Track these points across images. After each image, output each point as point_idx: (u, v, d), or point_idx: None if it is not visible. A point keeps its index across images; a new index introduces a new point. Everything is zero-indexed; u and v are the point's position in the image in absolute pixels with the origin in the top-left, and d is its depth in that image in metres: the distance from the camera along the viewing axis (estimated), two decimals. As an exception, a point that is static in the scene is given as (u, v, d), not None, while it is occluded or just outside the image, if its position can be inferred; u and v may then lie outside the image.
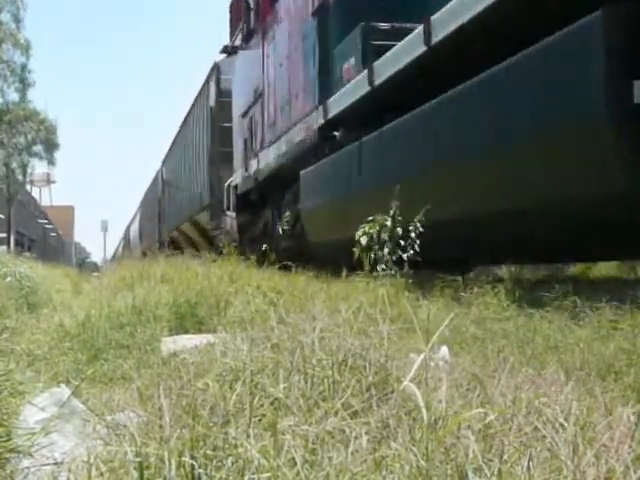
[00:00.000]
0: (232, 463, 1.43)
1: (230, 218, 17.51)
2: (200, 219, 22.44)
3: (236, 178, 16.63)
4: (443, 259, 7.70)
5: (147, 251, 37.87)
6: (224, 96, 19.18)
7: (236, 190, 16.61)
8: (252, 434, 1.49)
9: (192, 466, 1.39)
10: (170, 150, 30.80)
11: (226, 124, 18.55)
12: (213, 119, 20.21)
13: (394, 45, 7.62)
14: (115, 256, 57.16)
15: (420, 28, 6.80)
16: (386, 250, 6.72)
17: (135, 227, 49.30)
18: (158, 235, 33.18)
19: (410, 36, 7.13)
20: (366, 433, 1.56)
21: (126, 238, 59.25)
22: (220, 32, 26.16)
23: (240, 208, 16.60)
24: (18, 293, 7.13)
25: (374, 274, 6.27)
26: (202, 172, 21.79)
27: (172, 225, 28.86)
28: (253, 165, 14.67)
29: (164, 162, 32.53)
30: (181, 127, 27.23)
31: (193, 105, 24.15)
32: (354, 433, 1.55)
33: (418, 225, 6.79)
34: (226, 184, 17.56)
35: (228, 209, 17.49)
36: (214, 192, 19.78)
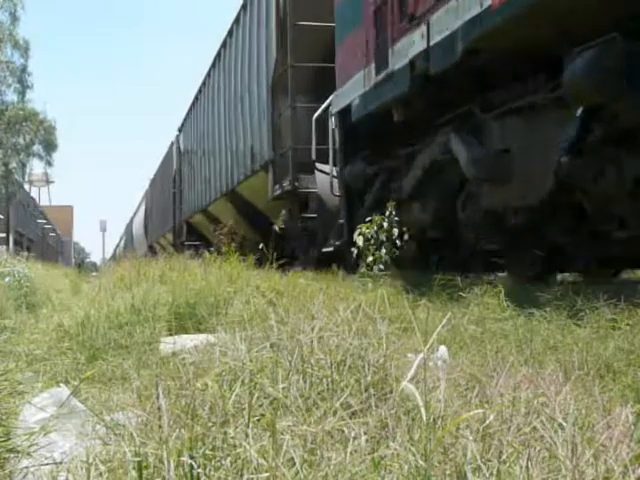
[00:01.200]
0: (231, 463, 1.43)
1: (325, 176, 10.15)
2: (247, 191, 15.02)
3: (348, 95, 8.99)
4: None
5: (155, 245, 32.88)
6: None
7: (346, 117, 9.10)
8: (251, 434, 1.49)
9: (191, 466, 1.39)
10: (193, 107, 22.17)
11: (306, 22, 11.29)
12: (282, 17, 11.82)
13: None
14: (115, 255, 52.18)
15: None
16: (383, 251, 6.74)
17: (139, 219, 42.05)
18: (173, 223, 26.30)
19: None
20: (365, 433, 1.56)
21: (128, 234, 53.17)
22: (219, 34, 24.83)
23: (352, 153, 9.28)
24: (17, 293, 7.13)
25: (372, 274, 6.29)
26: (259, 111, 13.27)
27: (194, 207, 21.44)
28: (414, 45, 7.03)
29: (181, 129, 25.19)
30: (214, 61, 18.23)
31: (240, 13, 15.04)
32: (353, 433, 1.55)
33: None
34: (315, 116, 10.25)
35: (320, 161, 10.32)
36: (281, 138, 12.09)
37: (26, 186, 46.93)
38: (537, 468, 1.36)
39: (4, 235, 35.41)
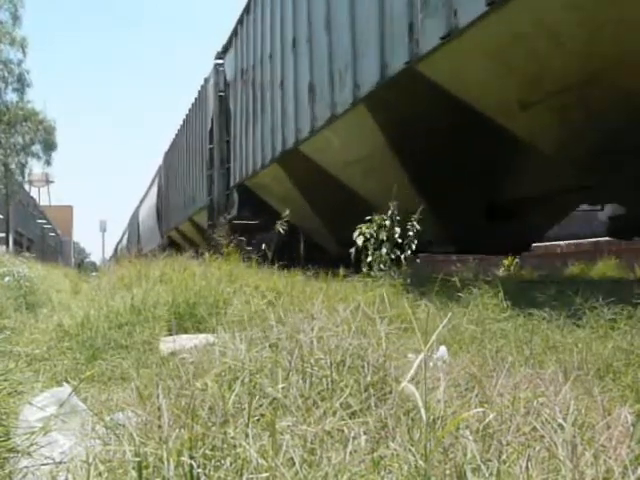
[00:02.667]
0: (231, 463, 1.43)
1: None
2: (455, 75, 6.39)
3: None
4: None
5: (175, 235, 24.53)
6: None
7: None
8: (251, 434, 1.49)
9: (191, 466, 1.39)
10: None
11: None
12: None
13: None
14: (116, 254, 47.70)
15: None
16: (384, 250, 6.74)
17: (148, 206, 33.15)
18: (209, 196, 16.72)
19: None
20: (365, 433, 1.56)
21: (133, 226, 44.50)
22: (218, 37, 22.83)
23: None
24: (17, 293, 7.13)
25: (372, 274, 6.28)
26: None
27: (258, 160, 12.58)
28: None
29: (228, 48, 15.78)
30: None
31: None
32: (353, 433, 1.55)
33: (415, 224, 6.82)
34: None
35: None
36: None
37: (26, 186, 46.89)
38: (537, 468, 1.36)
39: (4, 235, 35.41)
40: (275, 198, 12.74)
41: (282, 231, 6.95)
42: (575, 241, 13.79)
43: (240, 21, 14.53)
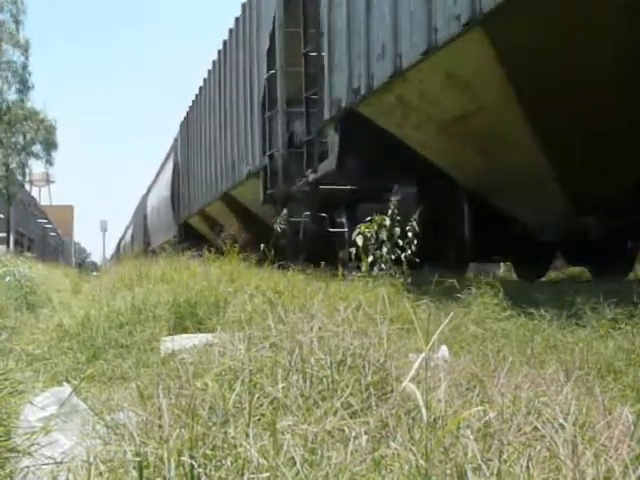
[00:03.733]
0: (231, 463, 1.43)
1: None
2: None
3: None
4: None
5: (195, 224, 20.26)
6: None
7: None
8: (251, 434, 1.49)
9: (191, 466, 1.39)
10: None
11: None
12: None
13: None
14: (119, 252, 45.51)
15: None
16: (384, 250, 6.73)
17: (161, 189, 27.30)
18: (264, 153, 12.31)
19: None
20: (365, 433, 1.56)
21: (138, 216, 38.79)
22: (218, 37, 21.55)
23: None
24: (17, 293, 7.13)
25: (373, 274, 6.28)
26: None
27: (420, 39, 6.32)
28: None
29: None
30: None
31: None
32: (353, 433, 1.55)
33: (415, 224, 6.81)
34: None
35: None
36: None
37: (27, 186, 46.89)
38: (538, 468, 1.36)
39: (5, 235, 35.43)
40: (434, 125, 6.71)
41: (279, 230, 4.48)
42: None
43: None
